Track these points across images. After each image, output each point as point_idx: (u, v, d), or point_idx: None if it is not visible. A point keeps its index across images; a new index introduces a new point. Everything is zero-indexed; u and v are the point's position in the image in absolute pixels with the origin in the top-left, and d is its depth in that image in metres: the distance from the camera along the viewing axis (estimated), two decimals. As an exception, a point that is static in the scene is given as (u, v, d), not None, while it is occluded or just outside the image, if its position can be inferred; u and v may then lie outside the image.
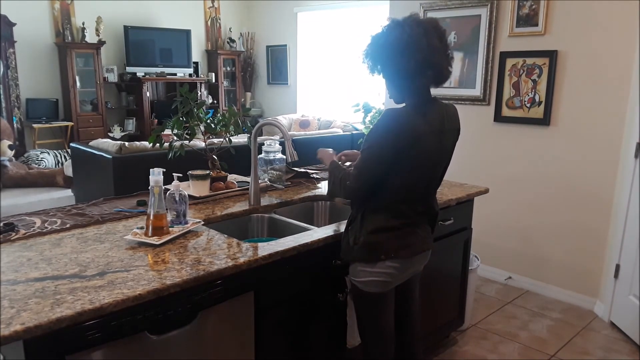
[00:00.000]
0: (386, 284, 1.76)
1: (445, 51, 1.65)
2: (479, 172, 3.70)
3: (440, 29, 1.64)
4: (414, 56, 1.58)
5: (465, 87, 3.75)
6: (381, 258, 1.70)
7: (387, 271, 1.72)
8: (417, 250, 1.77)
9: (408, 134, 1.60)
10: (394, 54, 1.62)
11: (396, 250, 1.71)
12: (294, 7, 7.56)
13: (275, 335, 1.78)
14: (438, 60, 1.61)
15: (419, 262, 1.84)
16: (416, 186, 1.72)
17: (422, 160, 1.67)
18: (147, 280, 1.39)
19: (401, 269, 1.75)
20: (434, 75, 1.63)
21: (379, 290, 1.76)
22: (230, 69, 8.25)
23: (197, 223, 1.87)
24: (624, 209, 2.97)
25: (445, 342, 2.84)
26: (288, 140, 2.11)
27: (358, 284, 1.78)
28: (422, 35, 1.58)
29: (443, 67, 1.64)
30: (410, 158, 1.63)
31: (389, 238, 1.72)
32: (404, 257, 1.73)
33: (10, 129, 6.03)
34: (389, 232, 1.72)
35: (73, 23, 6.57)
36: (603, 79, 3.12)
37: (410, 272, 1.84)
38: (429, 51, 1.58)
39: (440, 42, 1.62)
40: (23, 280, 1.37)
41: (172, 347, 1.46)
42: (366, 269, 1.73)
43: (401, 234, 1.73)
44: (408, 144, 1.60)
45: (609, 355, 2.79)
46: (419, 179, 1.72)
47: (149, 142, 2.30)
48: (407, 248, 1.73)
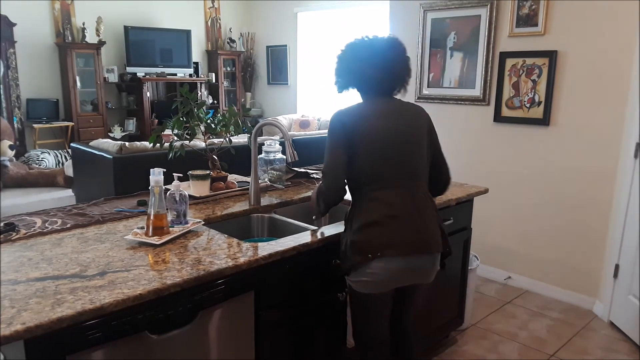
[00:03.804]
0: (377, 285, 1.72)
1: (373, 64, 1.79)
2: (479, 172, 3.71)
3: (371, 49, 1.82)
4: (340, 65, 1.85)
5: (465, 87, 3.76)
6: (368, 257, 1.67)
7: (376, 272, 1.69)
8: (407, 251, 1.68)
9: (349, 117, 1.76)
10: (337, 63, 1.87)
11: (382, 249, 1.67)
12: (294, 7, 7.56)
13: (275, 335, 1.78)
14: (360, 67, 1.80)
15: (418, 268, 1.74)
16: (383, 167, 1.74)
17: (373, 136, 1.74)
18: (148, 280, 1.39)
19: (392, 271, 1.69)
20: (356, 81, 1.82)
21: (369, 291, 1.75)
22: (230, 69, 8.25)
23: (197, 223, 1.87)
24: (624, 209, 2.98)
25: (445, 341, 2.84)
26: (288, 140, 2.12)
27: (351, 283, 1.79)
28: (349, 49, 1.84)
29: (372, 77, 1.80)
30: (360, 137, 1.73)
31: (373, 235, 1.69)
32: (391, 255, 1.67)
33: (11, 129, 6.03)
34: (372, 227, 1.70)
35: (73, 23, 6.57)
36: (603, 79, 3.12)
37: (408, 277, 1.76)
38: (353, 62, 1.82)
39: (369, 56, 1.80)
40: (24, 280, 1.38)
41: (173, 347, 1.46)
42: (358, 269, 1.72)
43: (386, 230, 1.69)
44: (352, 124, 1.74)
45: (609, 355, 2.79)
46: (382, 158, 1.74)
47: (149, 142, 2.31)
48: (394, 247, 1.67)
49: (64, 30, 6.48)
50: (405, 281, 1.78)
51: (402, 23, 4.04)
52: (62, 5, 6.49)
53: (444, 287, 2.64)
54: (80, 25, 6.58)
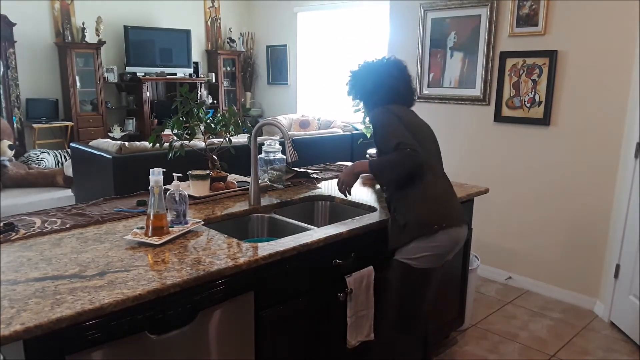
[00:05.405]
0: (439, 258, 1.90)
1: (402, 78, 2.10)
2: (479, 172, 3.70)
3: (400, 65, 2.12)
4: (374, 79, 2.08)
5: (465, 87, 3.75)
6: (434, 228, 1.85)
7: (440, 244, 1.87)
8: (459, 222, 1.93)
9: (397, 110, 2.00)
10: (364, 79, 2.10)
11: (446, 220, 1.88)
12: (294, 7, 7.56)
13: (275, 335, 1.77)
14: (393, 83, 2.06)
15: (462, 238, 1.97)
16: (429, 154, 1.99)
17: (419, 130, 2.02)
18: (147, 280, 1.39)
19: (454, 240, 1.90)
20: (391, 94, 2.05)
21: (431, 265, 1.90)
22: (230, 69, 8.25)
23: (197, 223, 1.87)
24: (624, 209, 2.97)
25: (445, 342, 2.84)
26: (288, 140, 2.11)
27: (412, 262, 1.87)
28: (383, 66, 2.10)
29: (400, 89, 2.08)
30: (410, 127, 1.95)
31: (434, 209, 1.90)
32: (452, 226, 1.88)
33: (10, 129, 6.03)
34: (432, 202, 1.91)
35: (73, 23, 6.57)
36: (603, 79, 3.12)
37: (456, 247, 1.96)
38: (386, 78, 2.06)
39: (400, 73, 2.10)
40: (23, 280, 1.37)
41: (172, 347, 1.46)
42: (421, 244, 1.86)
43: (444, 204, 1.94)
44: (402, 117, 1.98)
45: (609, 355, 2.79)
46: (427, 147, 1.98)
47: (149, 142, 2.30)
48: (452, 218, 1.91)
49: (64, 30, 6.48)
50: (452, 253, 1.98)
51: (402, 23, 4.03)
52: (62, 5, 6.48)
53: (445, 287, 2.64)
54: (80, 25, 6.57)
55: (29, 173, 5.57)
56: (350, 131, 5.59)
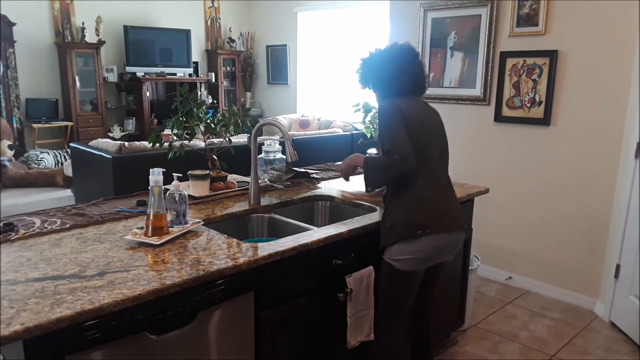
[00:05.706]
0: (421, 262, 1.89)
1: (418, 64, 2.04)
2: (479, 172, 3.70)
3: (414, 51, 2.06)
4: (390, 67, 2.00)
5: (465, 87, 3.75)
6: (418, 234, 1.83)
7: (422, 248, 1.85)
8: (449, 227, 1.89)
9: (403, 105, 1.93)
10: (379, 67, 2.03)
11: (431, 225, 1.85)
12: (294, 7, 7.56)
13: (275, 335, 1.77)
14: (411, 69, 2.00)
15: (451, 244, 1.94)
16: (429, 153, 1.93)
17: (422, 126, 1.94)
18: (147, 280, 1.39)
19: (436, 248, 1.88)
20: (409, 81, 1.99)
21: (412, 268, 1.88)
22: (230, 68, 8.24)
23: (197, 223, 1.87)
24: (624, 209, 2.97)
25: (445, 342, 2.84)
26: (288, 140, 2.11)
27: (395, 263, 1.88)
28: (397, 52, 2.02)
29: (417, 75, 2.02)
30: (413, 124, 1.89)
31: (423, 212, 1.88)
32: (438, 232, 1.85)
33: (10, 129, 6.03)
34: (422, 205, 1.88)
35: (73, 23, 6.56)
36: (603, 79, 3.12)
37: (445, 253, 1.94)
38: (402, 64, 1.99)
39: (414, 58, 2.04)
40: (23, 281, 1.37)
41: (172, 347, 1.46)
42: (404, 247, 1.86)
43: (433, 208, 1.89)
44: (407, 112, 1.91)
45: (609, 355, 2.78)
46: (428, 146, 1.93)
47: (148, 142, 2.30)
48: (440, 223, 1.87)
49: (64, 29, 6.47)
50: (439, 258, 1.95)
51: (402, 23, 4.03)
52: (62, 5, 6.48)
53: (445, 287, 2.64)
54: (79, 24, 6.57)
55: (29, 173, 5.57)
56: (350, 131, 5.59)
